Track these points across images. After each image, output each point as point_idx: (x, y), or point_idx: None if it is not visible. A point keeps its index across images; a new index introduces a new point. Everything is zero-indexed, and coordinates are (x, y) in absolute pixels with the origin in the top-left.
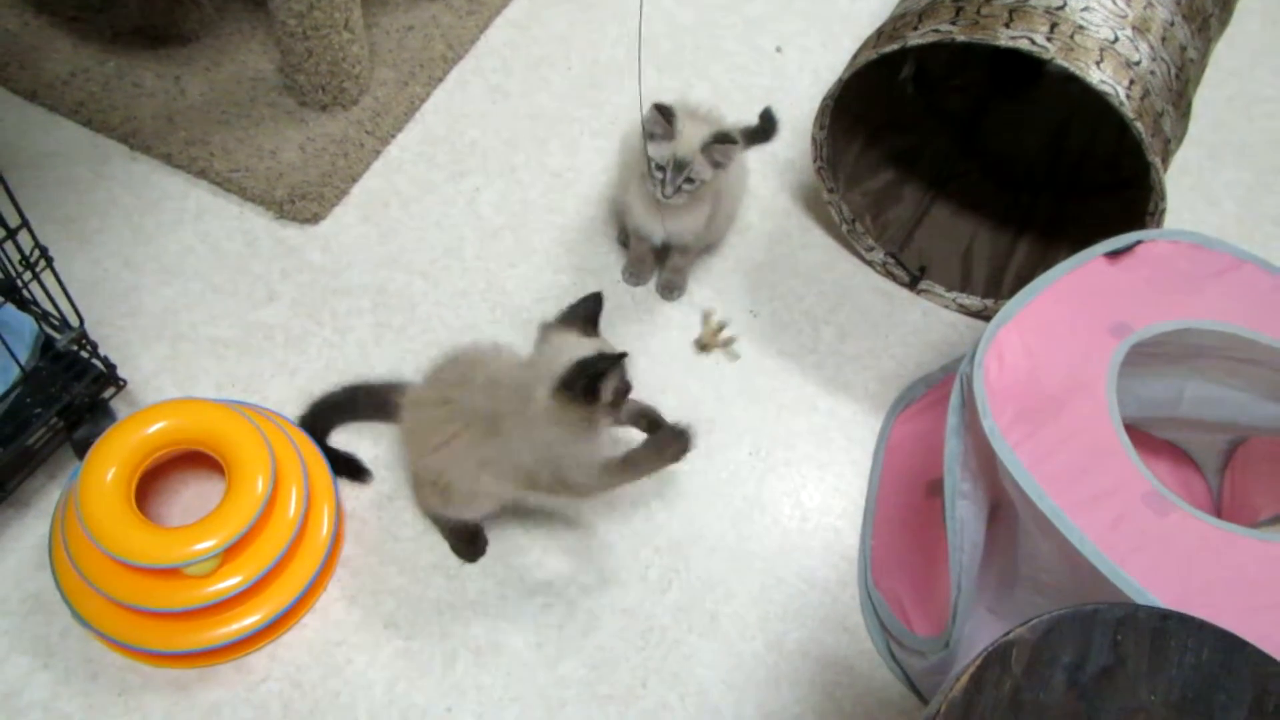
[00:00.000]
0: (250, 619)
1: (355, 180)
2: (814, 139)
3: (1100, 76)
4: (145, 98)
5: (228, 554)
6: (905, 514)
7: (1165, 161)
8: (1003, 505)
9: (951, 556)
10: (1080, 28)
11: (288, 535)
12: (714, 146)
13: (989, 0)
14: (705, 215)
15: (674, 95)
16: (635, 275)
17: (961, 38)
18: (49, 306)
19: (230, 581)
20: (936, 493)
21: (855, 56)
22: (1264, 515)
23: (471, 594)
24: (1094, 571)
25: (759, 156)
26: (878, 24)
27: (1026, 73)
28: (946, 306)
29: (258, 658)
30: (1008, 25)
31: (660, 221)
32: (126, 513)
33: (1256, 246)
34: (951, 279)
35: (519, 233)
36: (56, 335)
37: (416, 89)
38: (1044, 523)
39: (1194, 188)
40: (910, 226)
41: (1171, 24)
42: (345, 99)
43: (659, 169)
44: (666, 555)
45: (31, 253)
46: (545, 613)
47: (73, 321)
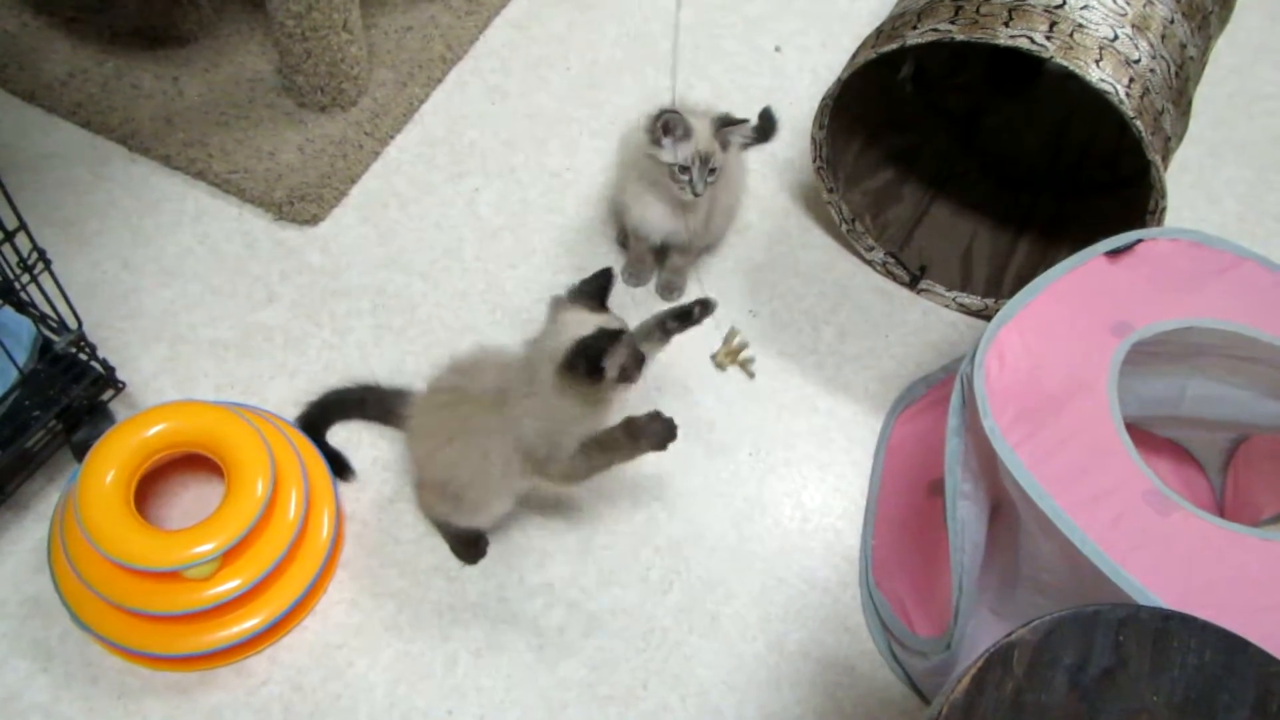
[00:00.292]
0: (250, 622)
1: (354, 181)
2: (813, 139)
3: (1100, 75)
4: (144, 99)
5: (227, 557)
6: (906, 514)
7: (1165, 160)
8: (1004, 505)
9: (953, 557)
10: (1079, 26)
11: (288, 538)
12: (724, 130)
13: None
14: (706, 210)
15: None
16: (635, 276)
17: (960, 37)
18: (47, 309)
19: (230, 584)
20: (938, 493)
21: (854, 56)
22: (1266, 513)
23: (472, 596)
24: (1095, 571)
25: (759, 156)
26: (877, 24)
27: (1026, 71)
28: (947, 306)
29: (258, 661)
30: (1007, 24)
31: (680, 223)
32: (126, 516)
33: (1258, 244)
34: (952, 278)
35: (518, 233)
36: (55, 338)
37: (415, 90)
38: (1045, 523)
39: (1194, 185)
40: (910, 226)
41: (1171, 21)
42: (344, 100)
43: (683, 170)
44: (667, 556)
45: (30, 255)
46: (546, 614)
47: (71, 324)
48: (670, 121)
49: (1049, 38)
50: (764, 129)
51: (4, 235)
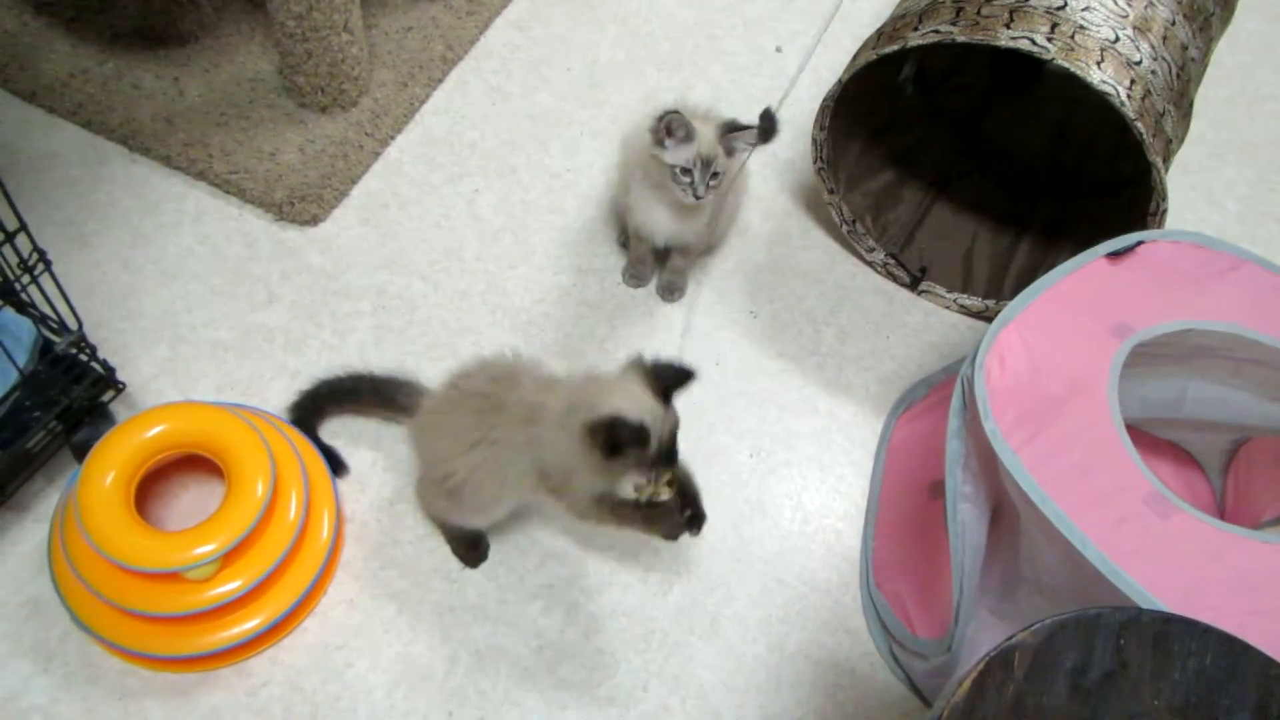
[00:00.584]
0: (250, 623)
1: (355, 182)
2: (814, 140)
3: (1101, 76)
4: (144, 99)
5: (228, 558)
6: (907, 516)
7: (1167, 161)
8: (1005, 507)
9: (953, 559)
10: (1081, 28)
11: (288, 539)
12: (729, 135)
13: (989, 0)
14: (709, 212)
15: (674, 95)
16: (636, 276)
17: (962, 38)
18: (47, 309)
19: (230, 585)
20: (938, 494)
21: (855, 57)
22: (1268, 515)
23: (472, 597)
24: (1096, 574)
25: (759, 157)
26: (878, 24)
27: (1027, 73)
28: (947, 307)
29: (258, 662)
30: (1008, 25)
31: (683, 225)
32: (126, 517)
33: (1258, 246)
34: (952, 280)
35: (519, 234)
36: (55, 338)
37: (416, 90)
38: (1046, 525)
39: (1195, 187)
40: (911, 227)
41: (1172, 23)
42: (345, 100)
43: (685, 172)
44: (667, 557)
45: (30, 255)
46: (546, 616)
47: (71, 324)
48: (673, 123)
49: (1050, 39)
50: (764, 130)
51: (4, 236)
